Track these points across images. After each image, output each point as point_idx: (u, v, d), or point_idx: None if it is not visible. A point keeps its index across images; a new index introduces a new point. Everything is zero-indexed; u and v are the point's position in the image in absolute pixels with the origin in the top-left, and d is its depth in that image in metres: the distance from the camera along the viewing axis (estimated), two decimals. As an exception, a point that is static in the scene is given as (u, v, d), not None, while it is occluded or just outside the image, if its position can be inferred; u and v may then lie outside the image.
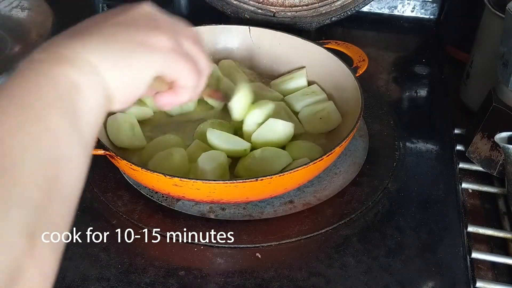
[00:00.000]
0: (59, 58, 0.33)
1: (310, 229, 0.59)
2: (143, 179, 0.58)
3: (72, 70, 0.33)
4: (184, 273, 0.54)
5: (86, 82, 0.33)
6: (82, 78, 0.33)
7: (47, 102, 0.31)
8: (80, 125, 0.32)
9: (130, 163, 0.55)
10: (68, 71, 0.32)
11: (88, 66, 0.34)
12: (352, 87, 0.68)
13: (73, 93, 0.32)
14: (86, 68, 0.33)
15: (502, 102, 0.64)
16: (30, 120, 0.30)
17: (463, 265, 0.56)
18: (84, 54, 0.34)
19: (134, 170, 0.55)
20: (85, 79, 0.33)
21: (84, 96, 0.33)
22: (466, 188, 0.67)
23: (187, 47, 0.41)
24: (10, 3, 0.86)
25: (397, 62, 0.91)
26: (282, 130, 0.64)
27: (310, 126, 0.69)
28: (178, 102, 0.44)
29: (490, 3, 0.71)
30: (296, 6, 0.91)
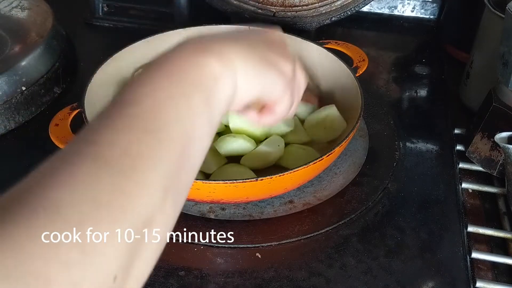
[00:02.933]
0: (207, 50, 0.38)
1: (310, 229, 0.59)
2: (143, 179, 0.58)
3: (216, 62, 0.37)
4: (184, 273, 0.54)
5: (226, 76, 0.38)
6: (224, 72, 0.37)
7: (192, 84, 0.35)
8: (212, 110, 0.36)
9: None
10: (213, 62, 0.37)
11: (230, 64, 0.38)
12: (352, 87, 0.68)
13: (213, 83, 0.36)
14: (228, 64, 0.38)
15: (502, 102, 0.64)
16: (178, 95, 0.34)
17: (463, 265, 0.56)
18: (229, 54, 0.39)
19: (134, 170, 0.55)
20: (226, 74, 0.38)
21: (221, 87, 0.37)
22: (466, 188, 0.67)
23: (297, 83, 0.47)
24: (10, 3, 0.86)
25: (397, 62, 0.91)
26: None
27: (316, 136, 0.68)
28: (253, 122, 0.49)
29: (490, 3, 0.71)
30: (296, 6, 0.91)
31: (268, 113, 0.47)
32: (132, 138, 0.30)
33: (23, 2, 0.86)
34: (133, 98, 0.33)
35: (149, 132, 0.31)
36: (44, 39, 0.79)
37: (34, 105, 0.75)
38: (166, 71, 0.36)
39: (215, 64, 0.37)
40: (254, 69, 0.41)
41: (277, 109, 0.47)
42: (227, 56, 0.38)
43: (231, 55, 0.39)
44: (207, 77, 0.36)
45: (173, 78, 0.35)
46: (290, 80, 0.45)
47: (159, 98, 0.33)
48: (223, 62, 0.38)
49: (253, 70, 0.41)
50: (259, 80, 0.42)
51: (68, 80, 0.82)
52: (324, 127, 0.68)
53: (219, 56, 0.38)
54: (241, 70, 0.39)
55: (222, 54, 0.38)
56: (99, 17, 0.97)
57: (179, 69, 0.36)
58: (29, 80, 0.74)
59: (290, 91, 0.46)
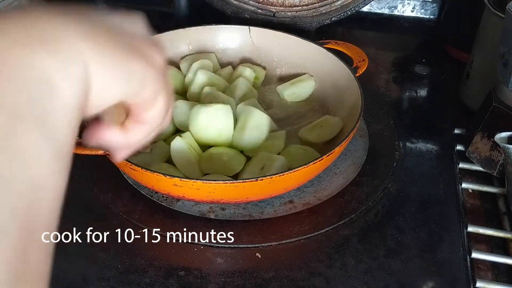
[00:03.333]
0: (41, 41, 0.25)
1: (310, 229, 0.59)
2: (143, 179, 0.58)
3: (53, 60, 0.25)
4: (184, 273, 0.54)
5: (67, 75, 0.26)
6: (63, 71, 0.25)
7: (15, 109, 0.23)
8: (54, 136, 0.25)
9: (130, 163, 0.55)
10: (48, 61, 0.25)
11: (76, 54, 0.26)
12: (352, 87, 0.68)
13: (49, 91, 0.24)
14: (73, 57, 0.26)
15: (502, 102, 0.64)
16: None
17: (463, 265, 0.56)
18: (76, 40, 0.26)
19: (134, 170, 0.55)
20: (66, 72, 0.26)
21: (60, 93, 0.25)
22: (466, 188, 0.67)
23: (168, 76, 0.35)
24: (10, 3, 0.86)
25: (397, 62, 0.91)
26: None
27: (313, 137, 0.68)
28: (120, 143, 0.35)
29: (490, 3, 0.71)
30: (296, 6, 0.91)
31: (136, 123, 0.34)
32: None
33: (23, 2, 0.86)
34: None
35: None
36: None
37: (34, 105, 0.75)
38: None
39: (50, 62, 0.25)
40: (114, 59, 0.29)
41: (148, 117, 0.34)
42: (70, 44, 0.26)
43: (76, 41, 0.26)
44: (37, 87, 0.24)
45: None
46: (162, 75, 0.33)
47: None
48: (62, 54, 0.25)
49: (112, 60, 0.28)
50: (122, 74, 0.29)
51: (68, 80, 0.82)
52: (321, 126, 0.68)
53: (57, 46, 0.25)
54: (95, 62, 0.27)
55: (60, 41, 0.26)
56: (99, 17, 0.97)
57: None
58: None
59: (164, 90, 0.34)
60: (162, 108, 0.34)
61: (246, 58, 0.82)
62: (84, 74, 0.27)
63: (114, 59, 0.29)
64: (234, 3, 0.91)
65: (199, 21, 0.81)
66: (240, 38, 0.81)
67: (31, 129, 0.23)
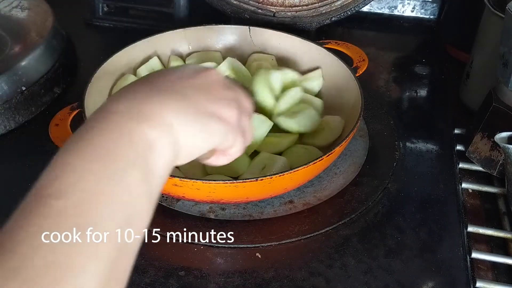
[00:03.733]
0: (137, 114, 0.34)
1: (310, 229, 0.59)
2: (143, 179, 0.58)
3: (149, 128, 0.34)
4: (184, 273, 0.54)
5: (162, 140, 0.34)
6: (159, 137, 0.34)
7: (125, 159, 0.32)
8: (151, 181, 0.33)
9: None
10: (146, 129, 0.34)
11: (165, 125, 0.35)
12: (352, 87, 0.68)
13: (149, 152, 0.33)
14: (163, 127, 0.35)
15: (502, 102, 0.64)
16: (111, 177, 0.31)
17: (463, 265, 0.56)
18: (163, 113, 0.35)
19: (134, 170, 0.55)
20: (161, 138, 0.34)
21: (159, 154, 0.34)
22: (466, 188, 0.67)
23: (244, 121, 0.44)
24: (10, 3, 0.86)
25: (397, 62, 0.91)
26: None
27: (316, 140, 0.67)
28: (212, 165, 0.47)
29: (490, 3, 0.71)
30: (296, 6, 0.91)
31: (223, 156, 0.46)
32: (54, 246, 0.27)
33: (23, 2, 0.86)
34: (59, 187, 0.29)
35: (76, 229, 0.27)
36: (44, 39, 0.79)
37: (34, 105, 0.75)
38: (95, 149, 0.32)
39: (149, 130, 0.34)
40: (195, 123, 0.38)
41: (231, 152, 0.45)
42: (161, 117, 0.35)
43: (165, 114, 0.35)
44: (143, 149, 0.33)
45: (103, 156, 0.31)
46: (236, 123, 0.42)
47: (89, 185, 0.30)
48: (157, 124, 0.34)
49: (193, 125, 0.37)
50: (203, 134, 0.38)
51: (68, 80, 0.82)
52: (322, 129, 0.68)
53: (152, 119, 0.34)
54: (180, 128, 0.36)
55: (154, 115, 0.35)
56: (99, 17, 0.97)
57: (108, 144, 0.32)
58: (29, 80, 0.74)
59: (240, 133, 0.43)
60: (240, 147, 0.44)
61: (246, 58, 0.82)
62: (173, 138, 0.35)
63: (193, 123, 0.37)
64: (234, 3, 0.91)
65: (199, 21, 0.81)
66: (240, 38, 0.81)
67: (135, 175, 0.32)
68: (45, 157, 0.31)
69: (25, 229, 0.27)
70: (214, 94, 0.41)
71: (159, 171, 0.34)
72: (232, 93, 0.44)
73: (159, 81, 0.39)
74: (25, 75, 0.74)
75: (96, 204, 0.29)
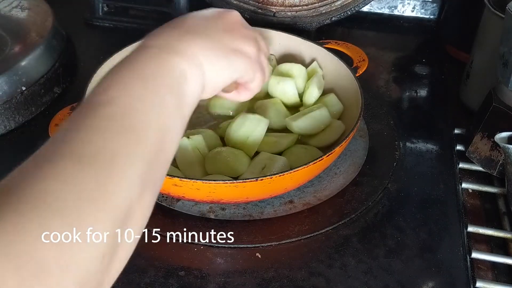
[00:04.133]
0: (173, 49, 0.40)
1: (310, 229, 0.59)
2: (143, 179, 0.58)
3: (183, 61, 0.40)
4: (184, 273, 0.54)
5: (192, 72, 0.40)
6: (190, 69, 0.40)
7: (164, 83, 0.38)
8: (183, 106, 0.39)
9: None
10: (180, 61, 0.39)
11: (195, 59, 0.41)
12: (352, 87, 0.68)
13: (182, 80, 0.39)
14: (194, 61, 0.41)
15: (502, 102, 0.64)
16: (151, 94, 0.36)
17: (463, 265, 0.56)
18: (194, 50, 0.41)
19: (134, 170, 0.55)
20: (192, 70, 0.40)
21: (189, 83, 0.40)
22: (466, 188, 0.67)
23: (262, 58, 0.51)
24: (10, 3, 0.86)
25: (397, 62, 0.91)
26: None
27: (316, 141, 0.67)
28: (234, 100, 0.54)
29: (490, 3, 0.71)
30: (296, 6, 0.91)
31: (244, 91, 0.52)
32: (108, 136, 0.32)
33: (23, 2, 0.86)
34: (107, 99, 0.34)
35: (124, 130, 0.33)
36: (44, 39, 0.79)
37: (34, 105, 0.75)
38: (139, 70, 0.38)
39: (182, 63, 0.40)
40: (219, 59, 0.44)
41: (251, 86, 0.51)
42: (191, 53, 0.41)
43: (194, 51, 0.41)
44: (177, 76, 0.39)
45: (146, 77, 0.37)
46: (256, 58, 0.49)
47: (133, 98, 0.35)
48: (189, 59, 0.40)
49: (218, 60, 0.43)
50: (227, 68, 0.45)
51: (68, 80, 0.82)
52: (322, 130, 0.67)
53: (185, 54, 0.40)
54: (207, 63, 0.42)
55: (186, 51, 0.41)
56: (99, 17, 0.97)
57: (149, 70, 0.38)
58: (29, 80, 0.74)
59: (259, 68, 0.49)
60: (260, 81, 0.51)
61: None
62: (202, 72, 0.42)
63: (218, 58, 0.43)
64: (234, 3, 0.91)
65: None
66: (240, 38, 0.81)
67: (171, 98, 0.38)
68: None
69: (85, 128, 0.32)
70: (236, 32, 0.47)
71: (189, 100, 0.40)
72: (252, 33, 0.50)
73: (189, 24, 0.45)
74: (25, 75, 0.74)
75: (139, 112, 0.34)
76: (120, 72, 0.37)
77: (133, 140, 0.33)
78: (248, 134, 0.64)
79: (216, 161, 0.62)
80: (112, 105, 0.34)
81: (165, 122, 0.36)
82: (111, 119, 0.33)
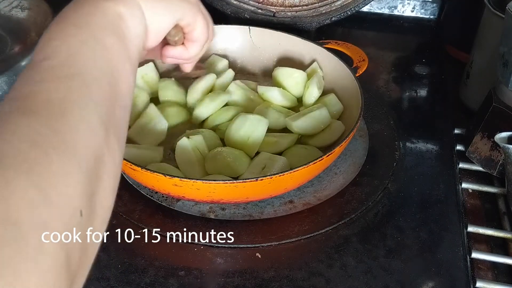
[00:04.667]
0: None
1: (310, 229, 0.59)
2: (143, 179, 0.58)
3: (118, 3, 0.39)
4: (184, 273, 0.54)
5: (130, 14, 0.40)
6: (127, 11, 0.40)
7: (100, 26, 0.37)
8: (128, 47, 0.39)
9: (130, 163, 0.55)
10: (115, 4, 0.39)
11: (133, 2, 0.41)
12: (352, 87, 0.68)
13: (120, 22, 0.39)
14: (131, 3, 0.41)
15: (502, 102, 0.64)
16: (89, 38, 0.36)
17: (463, 265, 0.56)
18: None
19: (134, 170, 0.55)
20: (130, 13, 0.40)
21: (129, 25, 0.40)
22: (466, 188, 0.67)
23: (204, 10, 0.52)
24: (10, 3, 0.86)
25: (397, 62, 0.91)
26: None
27: (316, 141, 0.67)
28: (185, 57, 0.53)
29: (490, 3, 0.71)
30: (296, 6, 0.91)
31: (190, 43, 0.52)
32: (51, 86, 0.31)
33: (23, 2, 0.86)
34: (47, 52, 0.34)
35: (69, 77, 0.32)
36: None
37: (34, 105, 0.75)
38: (73, 19, 0.38)
39: (117, 5, 0.39)
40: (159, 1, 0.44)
41: (196, 35, 0.51)
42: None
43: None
44: (113, 19, 0.39)
45: (81, 24, 0.37)
46: (196, 5, 0.50)
47: (72, 45, 0.35)
48: (128, 3, 0.40)
49: (159, 2, 0.44)
50: (166, 8, 0.45)
51: (68, 80, 0.82)
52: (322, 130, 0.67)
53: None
54: (146, 6, 0.42)
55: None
56: (99, 17, 0.97)
57: (84, 15, 0.38)
58: (29, 80, 0.74)
59: (199, 12, 0.50)
60: (203, 25, 0.51)
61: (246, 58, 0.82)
62: (141, 13, 0.42)
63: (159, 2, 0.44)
64: (234, 3, 0.91)
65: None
66: (240, 38, 0.81)
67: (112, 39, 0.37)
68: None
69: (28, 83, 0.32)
70: None
71: (133, 41, 0.40)
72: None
73: None
74: (25, 75, 0.74)
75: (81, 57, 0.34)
76: (56, 23, 0.37)
77: (80, 85, 0.33)
78: (249, 135, 0.64)
79: (216, 161, 0.62)
80: (52, 57, 0.34)
81: (111, 63, 0.36)
82: (52, 70, 0.33)
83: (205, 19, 0.51)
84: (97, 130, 0.32)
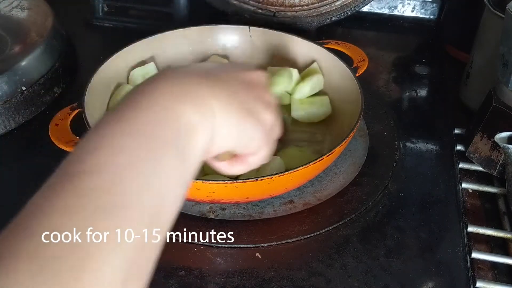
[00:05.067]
0: (185, 95, 0.34)
1: (310, 229, 0.59)
2: (143, 179, 0.58)
3: (194, 111, 0.33)
4: (184, 273, 0.54)
5: (204, 125, 0.34)
6: (201, 121, 0.34)
7: (165, 140, 0.31)
8: (186, 166, 0.33)
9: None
10: (190, 111, 0.33)
11: (209, 111, 0.35)
12: (352, 87, 0.68)
13: (190, 135, 0.33)
14: (207, 112, 0.35)
15: (502, 102, 0.64)
16: (146, 157, 0.29)
17: (463, 265, 0.56)
18: (208, 99, 0.35)
19: (134, 170, 0.55)
20: (204, 123, 0.34)
21: (198, 138, 0.33)
22: (466, 188, 0.67)
23: (274, 134, 0.44)
24: (10, 3, 0.86)
25: (397, 62, 0.91)
26: None
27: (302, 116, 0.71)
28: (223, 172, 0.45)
29: (490, 3, 0.71)
30: (296, 6, 0.91)
31: (240, 163, 0.44)
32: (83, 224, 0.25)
33: (23, 2, 0.86)
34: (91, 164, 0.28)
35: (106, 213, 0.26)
36: (44, 39, 0.79)
37: (34, 105, 0.75)
38: (134, 124, 0.31)
39: (192, 112, 0.33)
40: (234, 118, 0.37)
41: (250, 160, 0.44)
42: (205, 102, 0.35)
43: (210, 100, 0.35)
44: (183, 129, 0.32)
45: (141, 134, 0.30)
46: (268, 132, 0.42)
47: (122, 165, 0.28)
48: (201, 109, 0.34)
49: (232, 119, 0.37)
50: (238, 131, 0.38)
51: (68, 80, 0.82)
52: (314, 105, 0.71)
53: (197, 102, 0.34)
54: (220, 118, 0.36)
55: (199, 99, 0.34)
56: (99, 17, 0.97)
57: (149, 121, 0.31)
58: (29, 80, 0.74)
59: (267, 144, 0.42)
60: (263, 158, 0.43)
61: (246, 58, 0.82)
62: (213, 126, 0.35)
63: (233, 116, 0.37)
64: (234, 3, 0.91)
65: (199, 21, 0.81)
66: (240, 38, 0.81)
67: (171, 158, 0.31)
68: (45, 158, 0.30)
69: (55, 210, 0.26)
70: (257, 93, 0.41)
71: (194, 158, 0.33)
72: (272, 99, 0.43)
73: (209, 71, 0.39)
74: (25, 75, 0.74)
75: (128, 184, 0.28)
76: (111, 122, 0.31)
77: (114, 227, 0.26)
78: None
79: None
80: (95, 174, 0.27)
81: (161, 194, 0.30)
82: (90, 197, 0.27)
83: (267, 150, 0.43)
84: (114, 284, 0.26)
